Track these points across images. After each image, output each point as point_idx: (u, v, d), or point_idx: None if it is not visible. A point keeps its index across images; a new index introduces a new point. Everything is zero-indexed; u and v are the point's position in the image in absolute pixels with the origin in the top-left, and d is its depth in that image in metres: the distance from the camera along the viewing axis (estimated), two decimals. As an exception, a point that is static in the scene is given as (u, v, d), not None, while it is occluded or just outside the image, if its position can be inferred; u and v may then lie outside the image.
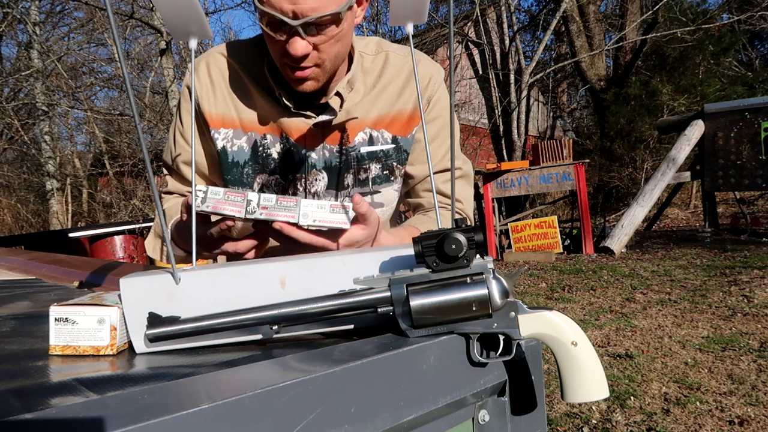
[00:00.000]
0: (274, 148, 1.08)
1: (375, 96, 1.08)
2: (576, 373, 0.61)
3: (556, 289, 5.05)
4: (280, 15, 0.88)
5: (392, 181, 1.13)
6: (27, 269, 1.65)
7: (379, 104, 1.08)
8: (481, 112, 14.39)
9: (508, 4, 13.12)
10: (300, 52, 0.91)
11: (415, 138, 1.12)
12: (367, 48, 1.10)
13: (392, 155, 1.11)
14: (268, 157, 1.09)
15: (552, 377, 2.84)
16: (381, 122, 1.09)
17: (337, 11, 0.89)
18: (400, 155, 1.12)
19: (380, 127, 1.09)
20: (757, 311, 3.84)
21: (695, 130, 7.29)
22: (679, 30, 11.30)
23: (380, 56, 1.10)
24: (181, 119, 1.14)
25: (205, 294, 0.66)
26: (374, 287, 0.63)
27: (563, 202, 11.21)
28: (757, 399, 2.50)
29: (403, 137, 1.11)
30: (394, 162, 1.11)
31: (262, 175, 1.10)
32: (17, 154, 13.82)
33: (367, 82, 1.08)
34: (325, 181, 1.10)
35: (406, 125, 1.10)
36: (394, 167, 1.12)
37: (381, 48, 1.11)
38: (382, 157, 1.10)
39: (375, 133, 1.09)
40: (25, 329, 0.80)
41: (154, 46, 11.38)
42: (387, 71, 1.09)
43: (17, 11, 10.10)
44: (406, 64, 1.10)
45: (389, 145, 1.10)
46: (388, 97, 1.09)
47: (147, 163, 0.63)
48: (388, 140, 1.10)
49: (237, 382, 0.48)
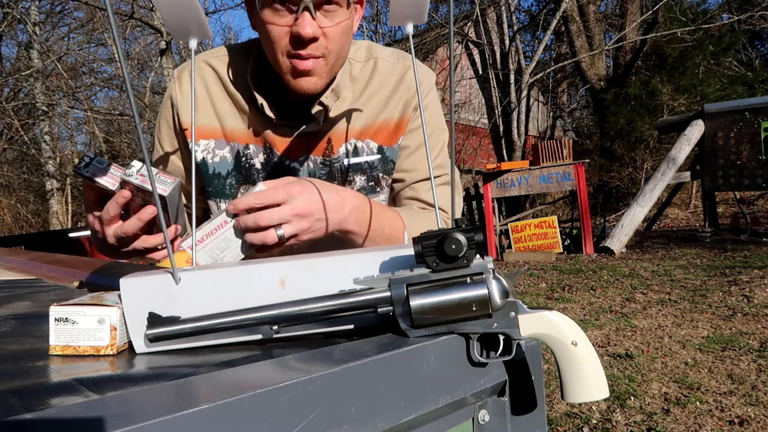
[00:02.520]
0: (257, 159, 1.06)
1: (361, 105, 1.05)
2: (576, 373, 0.61)
3: (556, 289, 5.05)
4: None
5: (378, 192, 1.11)
6: (27, 269, 1.65)
7: (365, 113, 1.05)
8: (481, 112, 14.39)
9: (508, 4, 13.13)
10: (310, 31, 0.86)
11: (401, 145, 1.09)
12: (357, 54, 1.07)
13: (377, 166, 1.08)
14: (251, 167, 1.06)
15: (552, 377, 2.84)
16: (366, 132, 1.06)
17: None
18: (386, 165, 1.09)
19: (365, 137, 1.06)
20: (757, 311, 3.84)
21: (695, 130, 7.29)
22: (679, 30, 11.31)
23: (369, 63, 1.06)
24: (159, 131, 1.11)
25: (205, 294, 0.66)
26: (374, 287, 0.63)
27: (563, 202, 11.21)
28: (757, 399, 2.50)
29: (389, 147, 1.08)
30: (380, 173, 1.09)
31: (246, 186, 1.08)
32: (17, 154, 13.82)
33: (354, 91, 1.05)
34: None
35: (393, 134, 1.07)
36: (380, 178, 1.09)
37: (371, 54, 1.07)
38: (366, 168, 1.07)
39: (360, 144, 1.06)
40: (25, 329, 0.80)
41: (154, 46, 11.39)
42: (375, 79, 1.06)
43: (17, 11, 10.10)
44: (395, 71, 1.06)
45: (374, 156, 1.07)
46: (374, 105, 1.06)
47: (147, 163, 0.64)
48: (373, 150, 1.07)
49: (237, 382, 0.48)
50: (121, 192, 0.77)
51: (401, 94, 1.06)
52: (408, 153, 1.10)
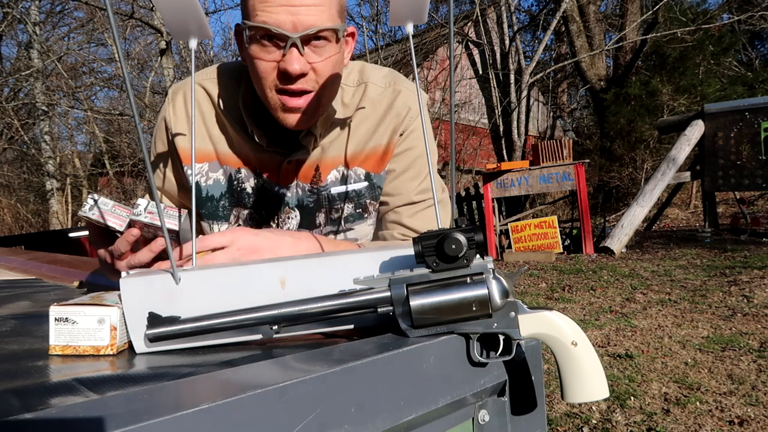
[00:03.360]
0: (248, 183, 1.07)
1: (351, 132, 1.05)
2: (576, 373, 0.61)
3: (556, 289, 5.05)
4: (277, 28, 0.83)
5: (365, 218, 1.11)
6: (27, 269, 1.65)
7: (353, 141, 1.05)
8: (481, 112, 14.39)
9: (508, 4, 13.13)
10: (297, 67, 0.85)
11: (387, 170, 1.08)
12: (349, 79, 1.05)
13: (365, 193, 1.08)
14: (242, 191, 1.07)
15: (552, 377, 2.84)
16: (355, 159, 1.06)
17: (335, 27, 0.86)
18: (374, 192, 1.08)
19: (354, 165, 1.06)
20: (757, 311, 3.84)
21: (695, 130, 7.29)
22: (679, 30, 11.30)
23: (359, 89, 1.05)
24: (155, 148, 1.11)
25: (205, 294, 0.66)
26: (374, 287, 0.63)
27: (563, 202, 11.21)
28: (757, 399, 2.50)
29: (377, 174, 1.07)
30: (367, 200, 1.09)
31: (238, 209, 1.09)
32: (17, 154, 13.82)
33: (344, 118, 1.04)
34: (297, 219, 1.09)
35: (380, 161, 1.07)
36: (367, 204, 1.09)
37: (362, 78, 1.06)
38: (354, 196, 1.08)
39: (348, 172, 1.06)
40: (25, 329, 0.80)
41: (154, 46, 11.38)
42: (364, 105, 1.04)
43: (17, 11, 10.11)
44: (385, 98, 1.05)
45: (362, 184, 1.07)
46: (363, 132, 1.05)
47: (147, 163, 0.64)
48: (361, 177, 1.07)
49: (237, 382, 0.48)
50: (131, 231, 0.80)
51: (390, 120, 1.05)
52: (393, 177, 1.08)
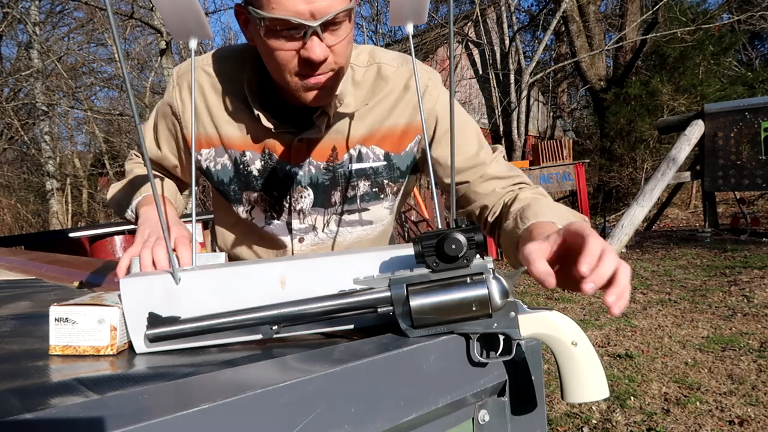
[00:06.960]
0: (254, 165, 1.06)
1: (366, 111, 1.04)
2: (576, 373, 0.61)
3: (556, 289, 5.04)
4: (296, 18, 0.82)
5: (382, 198, 1.10)
6: (27, 269, 1.64)
7: (369, 119, 1.04)
8: (481, 112, 14.39)
9: (508, 4, 13.13)
10: (321, 54, 0.85)
11: (440, 161, 1.05)
12: (359, 59, 1.05)
13: (382, 172, 1.07)
14: (249, 174, 1.07)
15: (552, 377, 2.84)
16: (371, 138, 1.05)
17: (350, 7, 0.85)
18: (392, 173, 1.08)
19: (371, 143, 1.05)
20: (757, 311, 3.84)
21: (695, 130, 7.29)
22: (679, 30, 11.30)
23: (372, 68, 1.05)
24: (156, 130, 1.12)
25: (205, 294, 0.66)
26: (374, 287, 0.63)
27: (563, 202, 11.21)
28: (757, 399, 2.50)
29: (396, 154, 1.06)
30: (385, 179, 1.08)
31: (248, 192, 1.09)
32: (17, 154, 13.81)
33: (357, 97, 1.03)
34: (311, 198, 1.08)
35: (399, 141, 1.06)
36: (384, 185, 1.08)
37: (373, 59, 1.05)
38: (371, 174, 1.07)
39: (365, 150, 1.06)
40: (25, 329, 0.80)
41: (154, 46, 11.38)
42: (379, 85, 1.04)
43: (17, 11, 10.10)
44: (401, 77, 1.04)
45: (380, 162, 1.06)
46: (380, 111, 1.04)
47: (147, 162, 0.64)
48: (379, 156, 1.06)
49: (237, 382, 0.48)
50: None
51: (408, 99, 1.04)
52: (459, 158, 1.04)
